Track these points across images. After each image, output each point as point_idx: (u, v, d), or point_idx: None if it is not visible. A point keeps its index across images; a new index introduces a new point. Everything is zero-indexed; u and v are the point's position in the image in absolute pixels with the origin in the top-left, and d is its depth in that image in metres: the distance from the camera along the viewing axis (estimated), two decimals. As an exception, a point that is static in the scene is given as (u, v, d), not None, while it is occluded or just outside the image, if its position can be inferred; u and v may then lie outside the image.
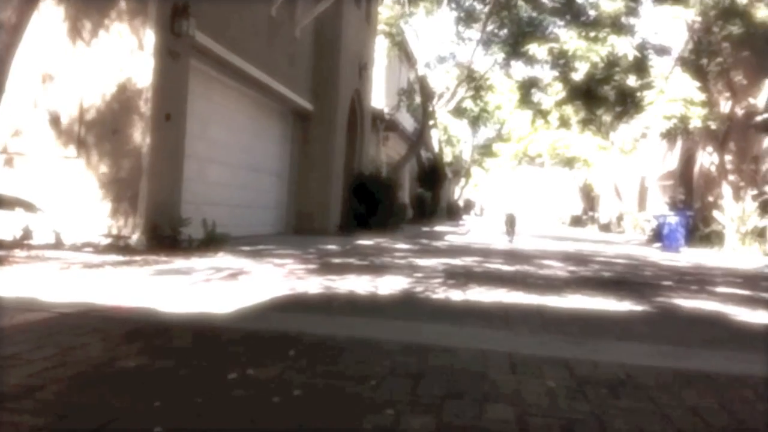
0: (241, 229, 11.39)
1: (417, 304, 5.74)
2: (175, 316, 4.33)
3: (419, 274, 8.09)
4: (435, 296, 6.25)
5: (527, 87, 22.47)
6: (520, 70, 23.41)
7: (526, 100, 22.76)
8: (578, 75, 21.35)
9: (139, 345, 3.40)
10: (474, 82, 22.20)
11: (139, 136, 8.19)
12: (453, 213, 35.00)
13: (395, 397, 2.79)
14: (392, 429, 2.42)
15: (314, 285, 6.46)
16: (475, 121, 23.83)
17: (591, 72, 20.89)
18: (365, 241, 13.06)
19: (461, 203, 43.95)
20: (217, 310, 4.63)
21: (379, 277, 7.52)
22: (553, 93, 23.30)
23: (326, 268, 8.17)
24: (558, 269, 10.42)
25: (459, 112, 22.30)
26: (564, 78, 21.23)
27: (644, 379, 3.39)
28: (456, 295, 6.34)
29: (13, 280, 5.16)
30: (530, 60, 20.43)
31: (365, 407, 2.64)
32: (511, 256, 12.38)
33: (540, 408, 2.79)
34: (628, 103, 21.76)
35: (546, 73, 22.48)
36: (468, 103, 22.55)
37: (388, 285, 6.81)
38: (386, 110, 19.31)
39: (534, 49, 19.36)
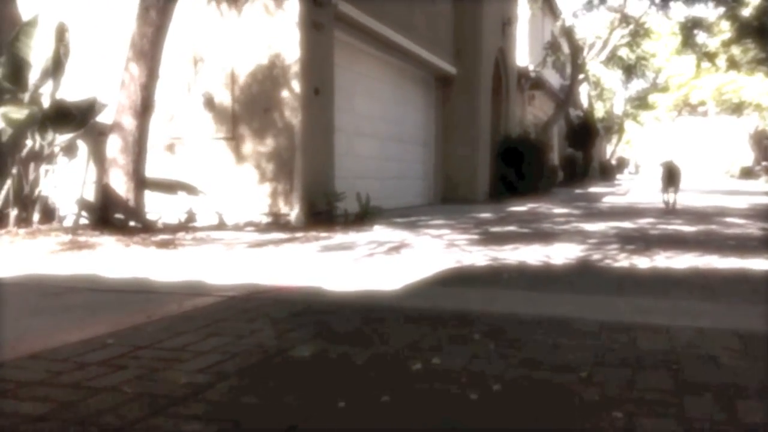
0: (390, 201, 11.14)
1: (600, 275, 5.11)
2: (343, 294, 4.06)
3: (590, 240, 7.39)
4: (617, 264, 5.58)
5: (689, 28, 20.26)
6: (678, 11, 21.19)
7: (688, 42, 20.54)
8: (748, 10, 18.97)
9: (311, 330, 3.12)
10: (629, 27, 20.29)
11: (291, 112, 8.10)
12: (606, 173, 32.90)
13: (617, 392, 2.27)
14: (629, 438, 1.92)
15: (479, 256, 6.01)
16: (631, 71, 21.84)
17: (763, 5, 18.46)
18: (518, 207, 12.39)
19: (614, 162, 41.35)
20: (386, 287, 4.31)
21: (547, 245, 6.93)
22: (718, 33, 20.92)
23: (486, 237, 7.69)
24: (746, 227, 9.22)
25: (612, 62, 20.54)
26: (732, 15, 18.93)
27: None
28: (641, 263, 5.62)
29: (181, 263, 5.16)
30: (692, -3, 18.35)
31: (584, 407, 2.15)
32: (686, 214, 11.19)
33: (815, 407, 2.16)
34: (808, 37, 19.05)
35: (710, 12, 20.17)
36: (623, 52, 20.72)
37: (560, 253, 6.21)
38: (531, 67, 18.25)
39: (699, -18, 17.23)
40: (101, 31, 8.49)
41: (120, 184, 6.69)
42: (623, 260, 5.78)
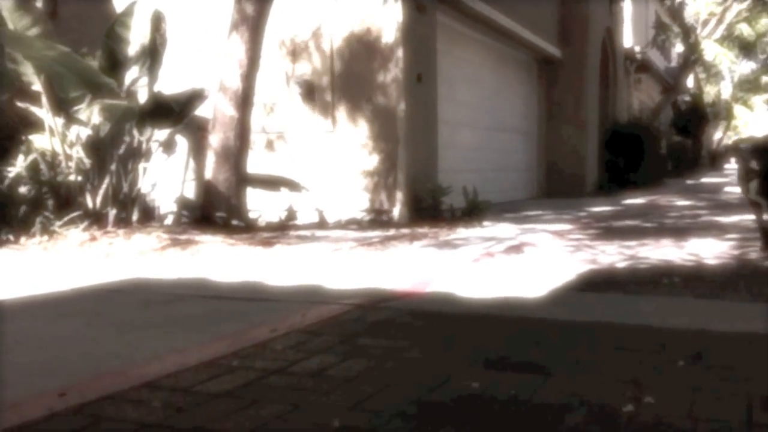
0: (494, 195, 10.43)
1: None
2: (481, 303, 3.49)
3: (733, 235, 6.51)
4: (790, 264, 4.74)
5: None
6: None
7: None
8: None
9: (464, 350, 2.56)
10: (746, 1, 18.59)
11: (393, 101, 7.59)
12: (715, 162, 30.70)
13: None
14: None
15: (614, 255, 5.31)
16: (750, 49, 19.93)
17: None
18: (635, 200, 11.44)
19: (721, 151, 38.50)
20: (526, 294, 3.70)
21: (684, 240, 6.13)
22: None
23: (612, 233, 6.93)
24: None
25: (729, 40, 18.82)
26: None
27: None
28: (819, 262, 4.76)
29: (290, 264, 4.74)
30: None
31: None
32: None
33: None
34: None
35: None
36: (738, 30, 18.93)
37: (706, 250, 5.43)
38: (636, 49, 17.02)
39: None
40: (198, 19, 8.24)
41: (222, 181, 6.35)
42: (793, 259, 4.93)
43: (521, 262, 5.12)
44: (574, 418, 1.86)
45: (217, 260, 4.96)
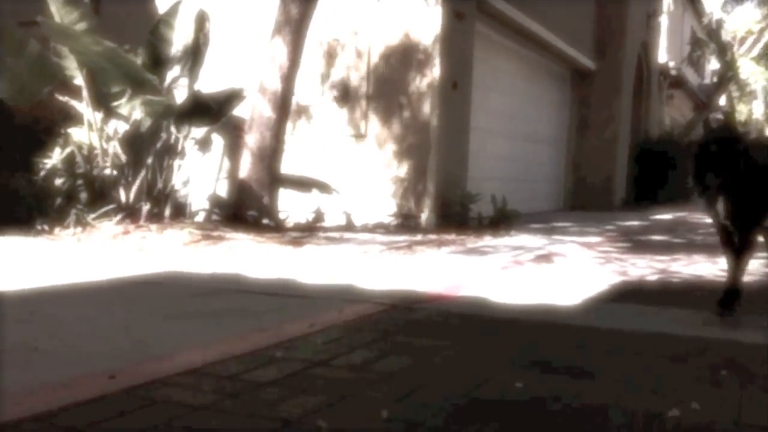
0: (521, 205, 10.36)
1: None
2: (515, 309, 3.49)
3: (765, 254, 6.42)
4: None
5: None
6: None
7: None
8: None
9: (503, 352, 2.58)
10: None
11: (427, 108, 7.62)
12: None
13: None
14: None
15: (645, 268, 5.29)
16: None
17: None
18: (662, 216, 11.35)
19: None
20: (561, 303, 3.70)
21: (715, 257, 6.05)
22: None
23: (641, 247, 6.89)
24: None
25: (766, 59, 18.53)
26: None
27: None
28: None
29: (321, 264, 4.78)
30: None
31: None
32: None
33: None
34: None
35: None
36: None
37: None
38: (671, 64, 16.86)
39: None
40: (238, 19, 8.35)
41: (255, 180, 6.42)
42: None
43: (551, 271, 5.11)
44: (622, 421, 1.87)
45: (249, 257, 5.01)
